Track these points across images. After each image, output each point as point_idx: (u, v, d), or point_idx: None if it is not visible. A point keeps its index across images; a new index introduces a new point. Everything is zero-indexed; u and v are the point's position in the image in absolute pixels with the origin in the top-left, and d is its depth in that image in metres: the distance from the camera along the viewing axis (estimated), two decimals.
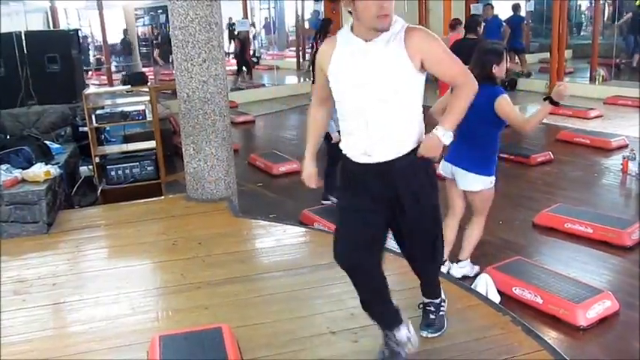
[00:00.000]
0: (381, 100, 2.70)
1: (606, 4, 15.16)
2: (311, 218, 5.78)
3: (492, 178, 4.38)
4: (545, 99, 4.11)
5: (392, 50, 2.66)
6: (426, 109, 2.92)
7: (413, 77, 2.70)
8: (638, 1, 13.91)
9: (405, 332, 2.98)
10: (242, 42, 15.14)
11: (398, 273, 3.63)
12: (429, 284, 3.26)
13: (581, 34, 17.65)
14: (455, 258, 4.62)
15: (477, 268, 4.60)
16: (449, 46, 10.20)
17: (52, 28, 13.62)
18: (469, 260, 4.61)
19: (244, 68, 15.53)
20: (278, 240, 4.85)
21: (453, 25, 9.98)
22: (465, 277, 4.49)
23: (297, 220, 5.85)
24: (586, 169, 7.49)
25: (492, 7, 13.31)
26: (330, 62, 2.77)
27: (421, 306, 3.31)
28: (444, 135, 2.70)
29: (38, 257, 4.69)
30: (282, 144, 9.66)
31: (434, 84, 13.83)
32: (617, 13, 13.78)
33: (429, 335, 3.23)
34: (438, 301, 3.30)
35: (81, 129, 7.01)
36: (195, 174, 5.65)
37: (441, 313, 3.30)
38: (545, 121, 9.64)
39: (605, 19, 15.16)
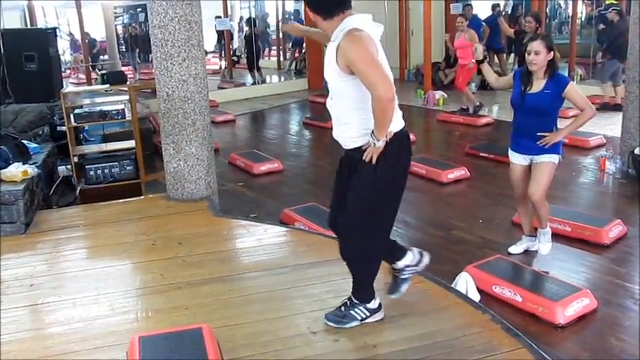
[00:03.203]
0: (330, 97, 3.18)
1: (584, 4, 15.28)
2: (292, 217, 5.77)
3: None
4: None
5: (331, 52, 3.01)
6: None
7: (343, 80, 2.98)
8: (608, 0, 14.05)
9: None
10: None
11: None
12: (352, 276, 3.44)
13: (562, 33, 17.80)
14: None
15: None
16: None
17: (29, 26, 13.47)
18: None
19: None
20: (259, 239, 4.84)
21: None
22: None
23: (278, 219, 5.84)
24: (564, 168, 7.52)
25: (472, 8, 13.38)
26: None
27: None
28: (376, 143, 2.99)
29: (16, 258, 4.63)
30: (263, 143, 9.64)
31: (414, 83, 13.92)
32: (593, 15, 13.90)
33: (326, 321, 3.43)
34: (350, 299, 3.45)
35: (59, 128, 6.94)
36: (175, 173, 5.62)
37: (350, 311, 3.42)
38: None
39: (583, 18, 15.28)
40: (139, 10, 18.23)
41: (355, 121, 3.08)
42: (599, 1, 14.37)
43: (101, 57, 17.80)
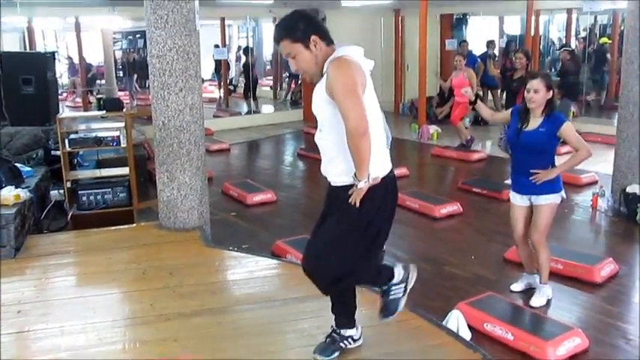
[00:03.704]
0: (319, 129, 3.06)
1: (576, 41, 15.51)
2: (284, 249, 5.75)
3: None
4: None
5: (320, 84, 2.93)
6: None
7: (331, 109, 2.85)
8: (602, 39, 14.25)
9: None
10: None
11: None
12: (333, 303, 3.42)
13: (553, 70, 18.01)
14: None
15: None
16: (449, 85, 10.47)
17: (28, 49, 13.54)
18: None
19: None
20: (250, 271, 4.81)
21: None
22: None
23: (270, 250, 5.82)
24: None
25: (467, 44, 13.57)
26: None
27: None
28: (358, 184, 2.86)
29: (4, 283, 4.58)
30: (257, 173, 9.65)
31: (408, 117, 14.01)
32: (587, 52, 14.11)
33: (315, 356, 3.39)
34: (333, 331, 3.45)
35: (53, 152, 6.92)
36: (168, 202, 5.61)
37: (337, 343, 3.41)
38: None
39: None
40: (137, 36, 18.36)
41: (343, 156, 2.90)
42: (592, 39, 14.61)
43: (98, 81, 17.88)
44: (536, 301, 4.73)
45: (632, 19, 6.80)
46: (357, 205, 2.89)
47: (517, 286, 5.01)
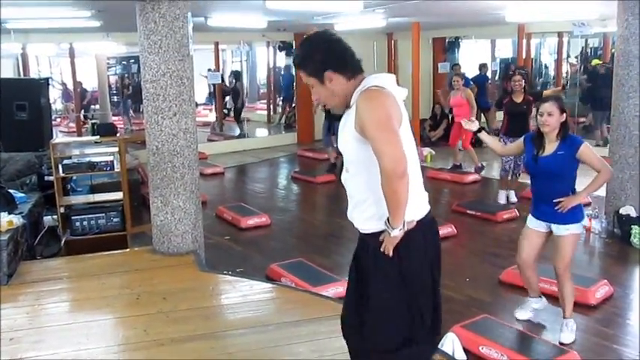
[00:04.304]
0: (346, 169, 2.70)
1: (568, 64, 15.66)
2: (278, 273, 5.73)
3: None
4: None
5: (348, 117, 2.60)
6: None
7: (360, 146, 2.51)
8: (594, 61, 14.38)
9: None
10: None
11: None
12: None
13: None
14: None
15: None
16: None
17: (22, 75, 13.57)
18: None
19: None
20: (244, 296, 4.80)
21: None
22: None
23: (265, 274, 5.81)
24: None
25: (460, 67, 13.67)
26: None
27: None
28: (390, 232, 2.50)
29: None
30: (251, 197, 9.64)
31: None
32: (580, 74, 14.25)
33: None
34: None
35: (47, 178, 6.91)
36: (161, 227, 5.60)
37: None
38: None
39: (568, 78, 15.62)
40: (131, 61, 18.44)
41: (373, 200, 2.56)
42: (585, 62, 14.75)
43: (92, 106, 17.91)
44: (566, 337, 4.51)
45: (621, 42, 6.88)
46: (390, 253, 2.54)
47: (523, 314, 4.87)
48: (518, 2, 7.83)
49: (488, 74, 14.80)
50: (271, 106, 18.42)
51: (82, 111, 15.00)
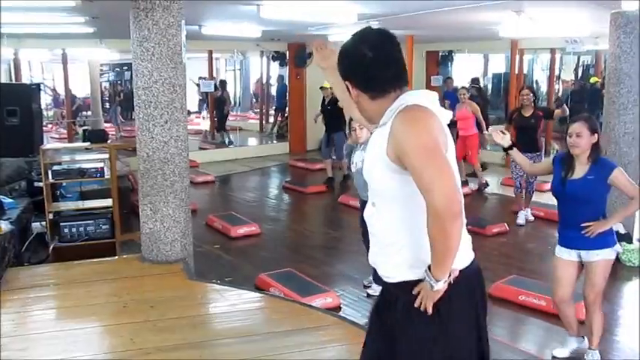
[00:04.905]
0: (371, 202, 2.25)
1: (561, 81, 15.78)
2: (267, 283, 5.72)
3: None
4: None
5: (377, 139, 2.15)
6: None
7: (393, 177, 2.08)
8: (592, 78, 14.49)
9: None
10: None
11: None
12: None
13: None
14: None
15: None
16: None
17: (14, 80, 13.53)
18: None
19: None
20: (232, 305, 4.77)
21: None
22: None
23: (254, 284, 5.78)
24: (540, 241, 7.61)
25: (452, 80, 13.74)
26: None
27: None
28: (433, 285, 2.05)
29: None
30: (242, 206, 9.62)
31: None
32: (574, 89, 14.38)
33: None
34: None
35: (36, 184, 6.88)
36: (151, 235, 5.57)
37: None
38: (501, 192, 9.91)
39: (560, 94, 15.73)
40: (124, 68, 18.42)
41: (406, 242, 2.12)
42: (583, 79, 14.86)
43: (84, 113, 17.89)
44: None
45: (613, 60, 6.93)
46: (430, 311, 2.08)
47: (562, 352, 4.54)
48: (512, 17, 7.87)
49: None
50: (263, 116, 18.44)
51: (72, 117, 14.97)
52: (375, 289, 5.44)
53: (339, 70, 2.26)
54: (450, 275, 2.05)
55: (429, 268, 2.03)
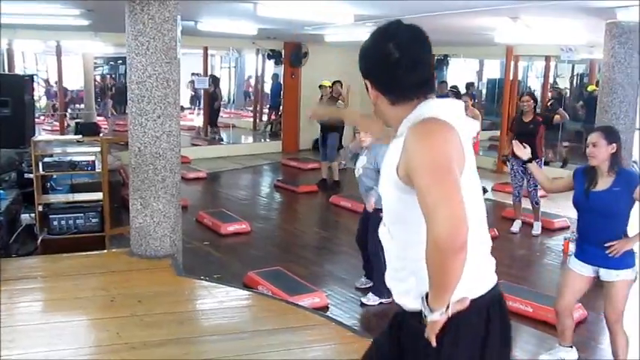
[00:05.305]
0: (383, 222, 2.09)
1: (552, 89, 15.83)
2: (256, 281, 5.71)
3: None
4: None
5: (390, 152, 1.97)
6: None
7: (402, 197, 1.90)
8: (590, 86, 14.54)
9: None
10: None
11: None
12: None
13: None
14: None
15: None
16: None
17: (7, 71, 13.45)
18: None
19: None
20: (220, 302, 4.77)
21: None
22: None
23: (242, 282, 5.78)
24: (529, 248, 7.64)
25: (447, 85, 13.76)
26: None
27: None
28: (427, 315, 1.86)
29: None
30: (233, 203, 9.60)
31: None
32: (571, 97, 14.45)
33: None
34: None
35: (26, 175, 6.85)
36: (140, 229, 5.56)
37: None
38: (491, 197, 9.91)
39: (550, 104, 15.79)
40: (119, 62, 18.36)
41: (414, 269, 1.92)
42: (579, 88, 14.91)
43: (77, 105, 17.82)
44: None
45: (607, 69, 6.97)
46: (433, 343, 1.88)
47: (548, 358, 4.48)
48: (507, 23, 7.90)
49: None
50: (257, 114, 18.42)
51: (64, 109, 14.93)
52: (370, 298, 5.45)
53: (360, 65, 2.04)
54: (449, 307, 1.83)
55: (427, 295, 1.84)
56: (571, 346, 4.46)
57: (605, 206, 3.89)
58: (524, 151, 4.28)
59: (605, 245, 3.90)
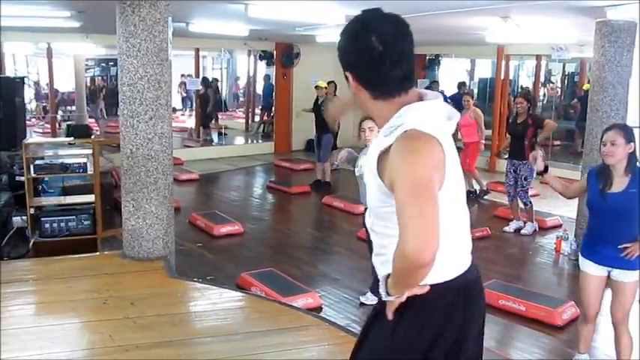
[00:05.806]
0: (368, 213, 2.15)
1: (545, 88, 15.90)
2: (249, 282, 5.71)
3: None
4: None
5: (373, 152, 1.96)
6: None
7: (386, 203, 1.92)
8: (585, 85, 14.59)
9: None
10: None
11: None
12: None
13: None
14: None
15: None
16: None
17: None
18: None
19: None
20: (213, 304, 4.76)
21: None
22: None
23: (235, 283, 5.78)
24: (521, 247, 7.67)
25: (438, 85, 13.81)
26: None
27: None
28: (385, 296, 1.98)
29: None
30: (225, 204, 9.59)
31: None
32: (562, 96, 14.50)
33: None
34: None
35: (18, 178, 6.83)
36: (133, 231, 5.54)
37: None
38: (486, 196, 9.92)
39: (545, 101, 15.85)
40: (110, 63, 18.30)
41: (391, 258, 1.92)
42: (573, 86, 14.96)
43: (68, 107, 17.75)
44: None
45: (597, 68, 6.99)
46: (390, 316, 1.99)
47: None
48: (498, 23, 7.93)
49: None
50: (249, 115, 18.40)
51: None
52: (368, 297, 5.46)
53: (340, 57, 1.97)
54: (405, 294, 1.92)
55: (388, 277, 1.94)
56: (584, 353, 4.41)
57: (622, 208, 3.82)
58: (538, 163, 4.19)
59: (620, 247, 3.84)
